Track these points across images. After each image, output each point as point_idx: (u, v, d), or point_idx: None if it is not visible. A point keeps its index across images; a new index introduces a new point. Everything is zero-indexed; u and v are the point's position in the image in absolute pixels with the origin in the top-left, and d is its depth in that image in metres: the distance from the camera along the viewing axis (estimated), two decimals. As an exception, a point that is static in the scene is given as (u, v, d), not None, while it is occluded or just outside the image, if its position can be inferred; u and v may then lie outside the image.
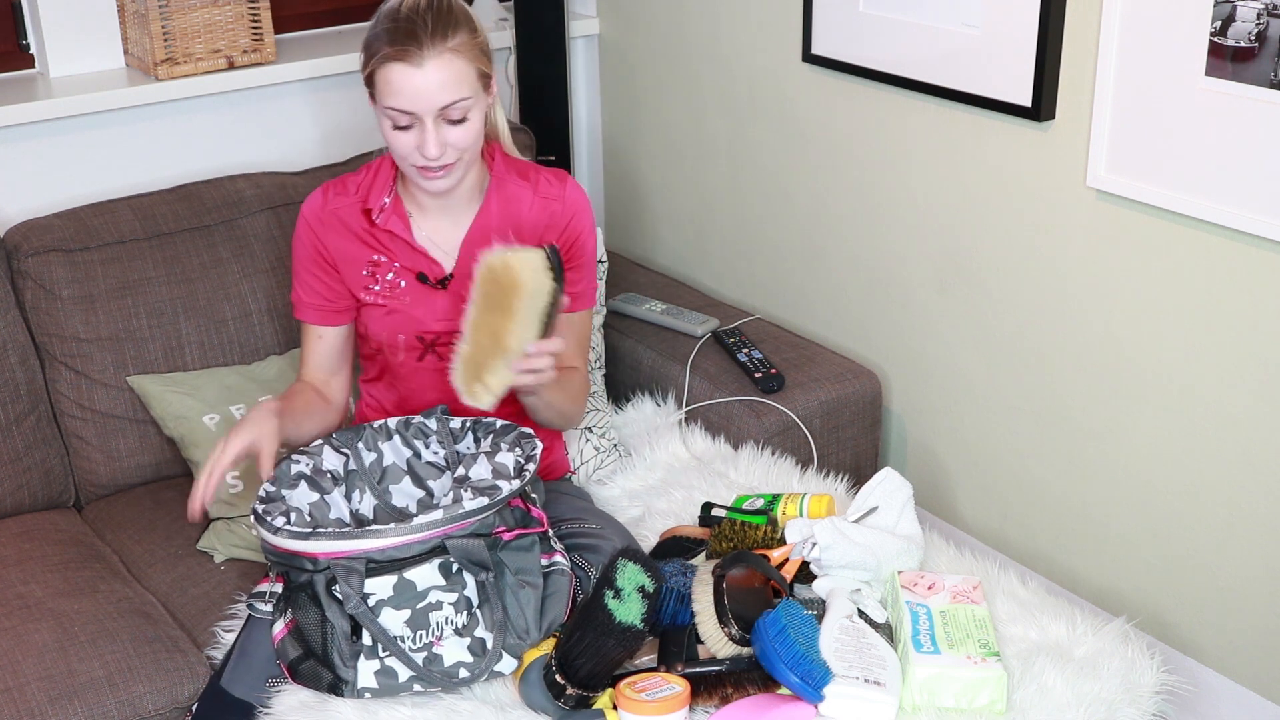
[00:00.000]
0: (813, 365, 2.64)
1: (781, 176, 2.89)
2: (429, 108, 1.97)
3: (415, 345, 2.16)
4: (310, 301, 2.18)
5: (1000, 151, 2.43)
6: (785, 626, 1.78)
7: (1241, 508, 2.23)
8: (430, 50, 1.96)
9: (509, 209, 2.16)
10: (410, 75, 1.96)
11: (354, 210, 2.15)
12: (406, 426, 2.07)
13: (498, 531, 1.85)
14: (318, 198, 2.17)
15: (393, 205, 2.14)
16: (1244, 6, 1.99)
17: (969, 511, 2.69)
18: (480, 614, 1.84)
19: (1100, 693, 1.83)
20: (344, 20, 3.13)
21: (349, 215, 2.15)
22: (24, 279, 2.49)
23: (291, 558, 1.83)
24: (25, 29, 2.79)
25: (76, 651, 2.07)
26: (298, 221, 2.18)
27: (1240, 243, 2.12)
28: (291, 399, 2.13)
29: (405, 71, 1.96)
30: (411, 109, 1.97)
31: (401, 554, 1.80)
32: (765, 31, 2.83)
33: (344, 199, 2.16)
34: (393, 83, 1.97)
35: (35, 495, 2.48)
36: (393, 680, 1.82)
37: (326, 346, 2.20)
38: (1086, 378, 2.40)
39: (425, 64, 1.96)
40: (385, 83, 1.97)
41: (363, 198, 2.15)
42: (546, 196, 2.17)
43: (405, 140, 2.00)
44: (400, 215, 2.13)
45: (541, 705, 1.81)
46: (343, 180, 2.18)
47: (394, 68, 1.96)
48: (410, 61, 1.95)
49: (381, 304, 2.15)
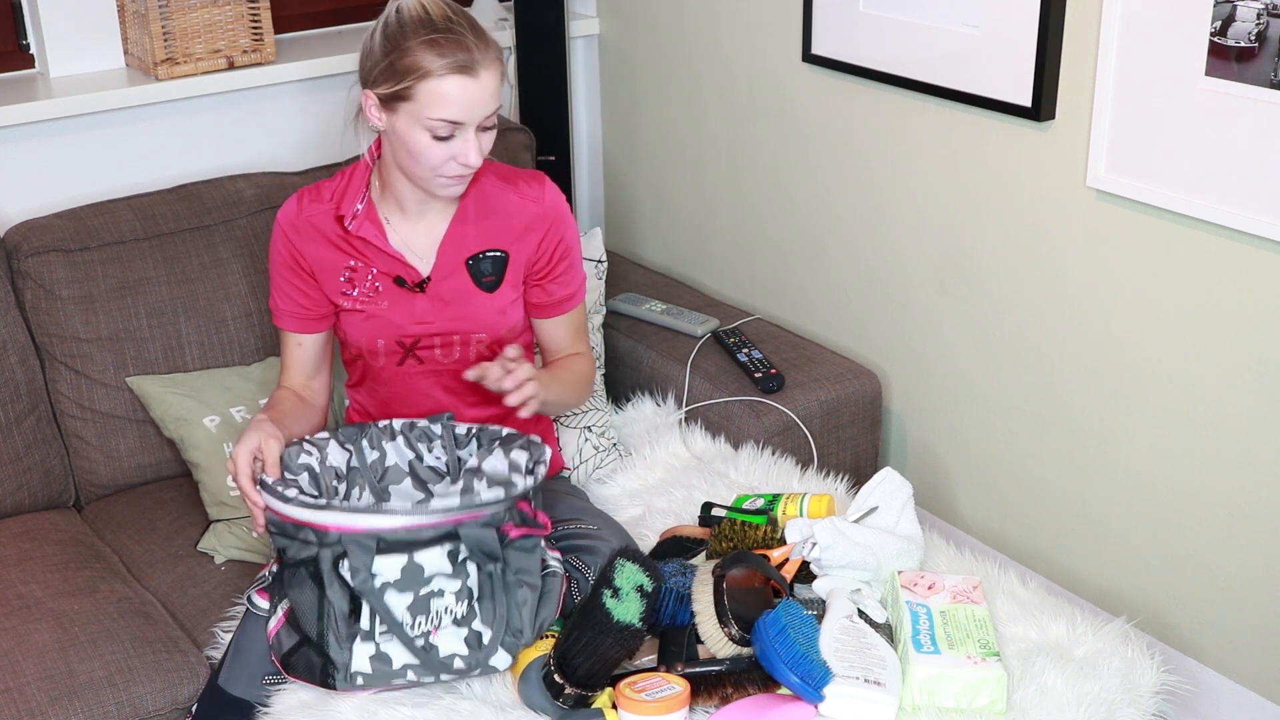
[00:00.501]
0: (813, 365, 2.64)
1: (781, 176, 2.89)
2: (478, 117, 1.98)
3: (395, 350, 2.15)
4: (288, 309, 2.17)
5: (1000, 151, 2.43)
6: (785, 626, 1.78)
7: (1241, 508, 2.22)
8: (482, 60, 1.96)
9: (487, 210, 2.14)
10: (468, 87, 1.95)
11: (328, 217, 2.13)
12: (411, 429, 2.07)
13: (505, 527, 1.85)
14: (292, 205, 2.15)
15: (365, 211, 2.11)
16: (1244, 6, 1.99)
17: (969, 511, 2.69)
18: (479, 607, 1.84)
19: (1100, 693, 1.83)
20: (344, 20, 3.13)
21: (323, 222, 2.13)
22: (24, 279, 2.49)
23: (297, 529, 1.82)
24: (25, 29, 2.79)
25: (76, 651, 2.07)
26: (274, 229, 2.16)
27: (1240, 243, 2.12)
28: (275, 407, 2.12)
29: (463, 84, 1.95)
30: (463, 119, 1.97)
31: (413, 536, 1.80)
32: (765, 31, 2.83)
33: (318, 206, 2.14)
34: (448, 95, 1.95)
35: (35, 495, 2.48)
36: (387, 666, 1.81)
37: (306, 354, 2.19)
38: (1086, 378, 2.40)
39: (480, 74, 1.96)
40: (436, 95, 1.95)
41: (336, 204, 2.13)
42: (526, 198, 2.16)
43: (441, 151, 1.99)
44: (374, 221, 2.12)
45: (541, 705, 1.81)
46: (317, 187, 2.16)
47: (451, 80, 1.95)
48: (468, 73, 1.95)
49: (360, 310, 2.14)
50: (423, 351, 2.14)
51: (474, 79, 1.95)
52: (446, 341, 2.14)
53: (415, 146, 1.99)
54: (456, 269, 2.13)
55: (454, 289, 2.12)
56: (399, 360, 2.16)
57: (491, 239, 2.14)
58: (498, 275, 2.14)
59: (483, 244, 2.14)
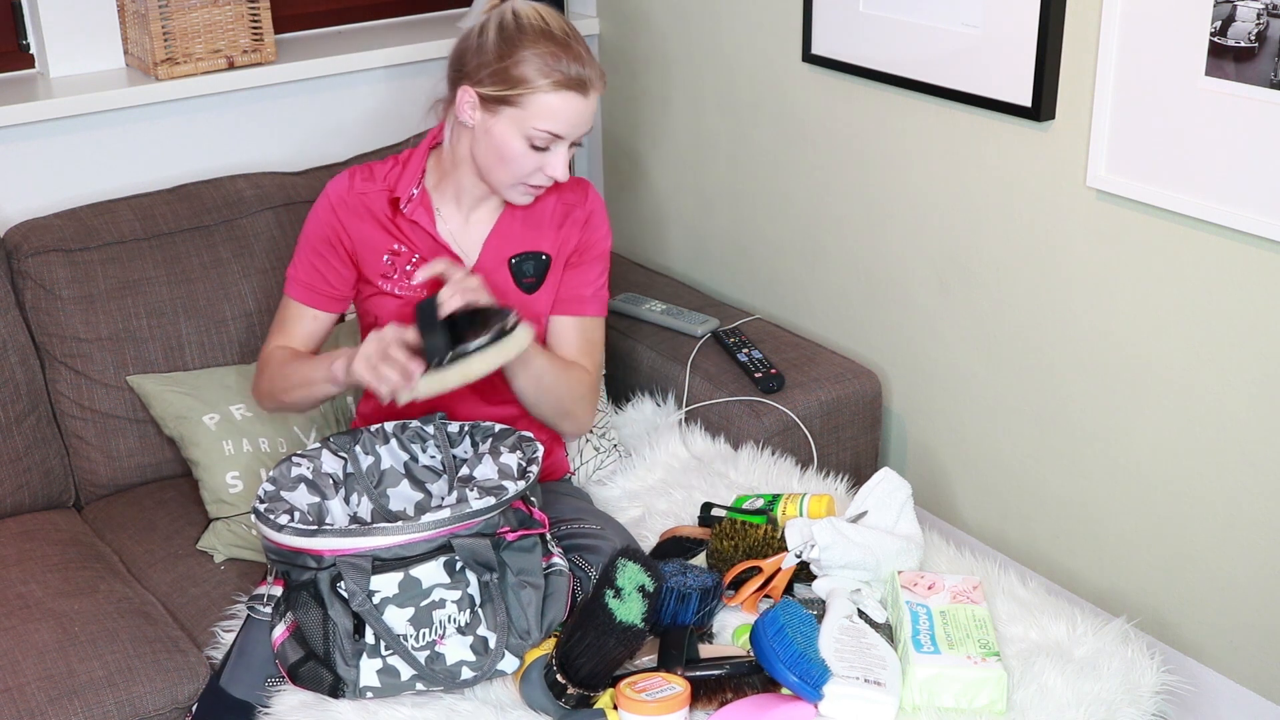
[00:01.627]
0: (813, 365, 2.64)
1: (781, 176, 2.89)
2: (578, 134, 2.02)
3: None
4: (306, 281, 2.17)
5: (1000, 151, 2.43)
6: (784, 626, 1.78)
7: (1241, 508, 2.23)
8: (592, 78, 2.01)
9: (532, 211, 2.18)
10: (578, 104, 2.00)
11: (380, 198, 2.15)
12: (403, 430, 2.07)
13: (502, 532, 1.85)
14: (344, 181, 2.17)
15: (420, 197, 2.14)
16: (1244, 6, 1.99)
17: (969, 511, 2.69)
18: (482, 613, 1.84)
19: (1100, 693, 1.83)
20: (344, 20, 3.13)
21: (375, 202, 2.15)
22: (24, 279, 2.49)
23: (294, 555, 1.83)
24: (25, 29, 2.79)
25: (76, 651, 2.07)
26: (319, 200, 2.17)
27: (1240, 243, 2.12)
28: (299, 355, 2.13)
29: (575, 101, 1.99)
30: (565, 134, 2.00)
31: (407, 552, 1.80)
32: (765, 31, 2.83)
33: (371, 185, 2.16)
34: (558, 109, 1.98)
35: (35, 495, 2.48)
36: (395, 679, 1.82)
37: (319, 328, 2.19)
38: (1086, 378, 2.40)
39: (590, 94, 2.01)
40: (546, 107, 1.98)
41: (390, 186, 2.15)
42: (569, 203, 2.20)
43: (533, 161, 2.02)
44: (426, 208, 2.14)
45: (542, 705, 1.81)
46: (369, 167, 2.18)
47: (565, 96, 1.98)
48: (581, 91, 1.99)
49: (398, 294, 2.15)
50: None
51: (584, 97, 2.00)
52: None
53: (509, 152, 2.02)
54: (499, 267, 2.16)
55: (495, 286, 2.14)
56: None
57: (534, 241, 2.17)
58: (538, 277, 2.17)
59: (526, 245, 2.16)
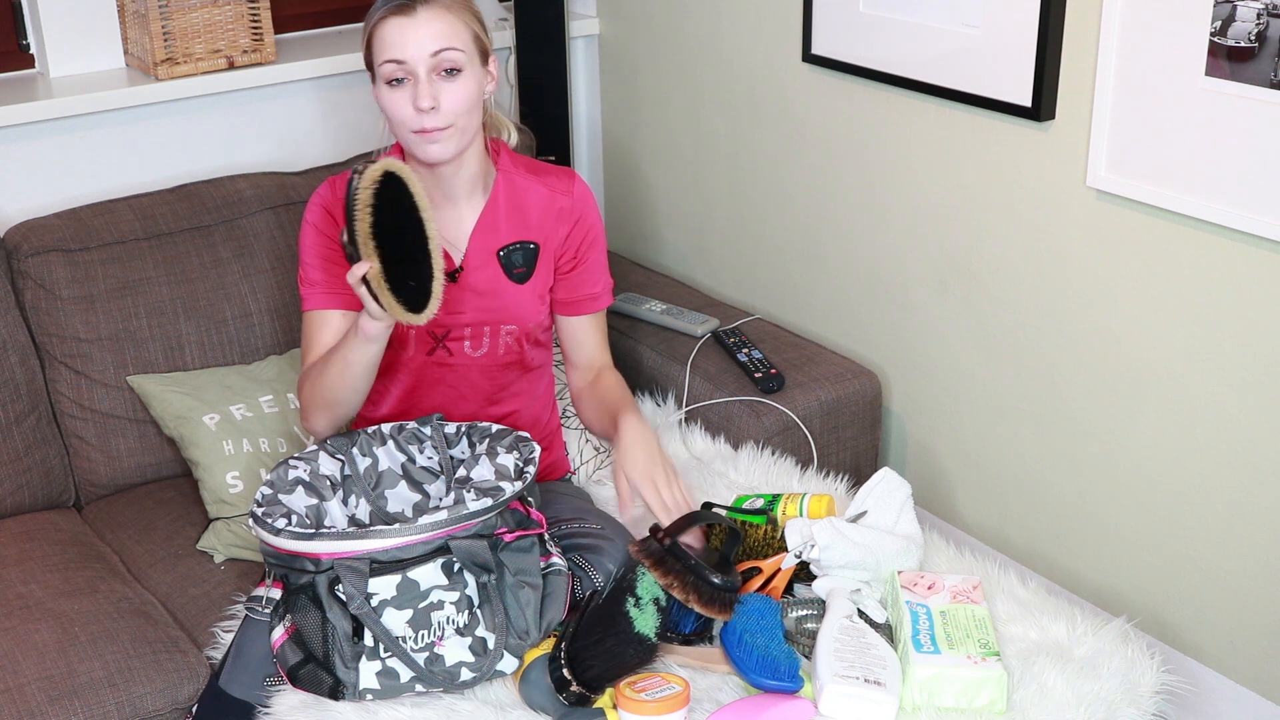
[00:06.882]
0: (813, 365, 2.64)
1: (781, 176, 2.89)
2: (420, 54, 1.99)
3: (426, 339, 2.16)
4: (324, 283, 2.12)
5: (1000, 151, 2.43)
6: (741, 633, 1.80)
7: (1241, 508, 2.22)
8: (421, 2, 2.00)
9: (517, 201, 2.17)
10: (403, 25, 1.99)
11: None
12: (400, 431, 2.07)
13: (499, 532, 1.85)
14: (325, 189, 2.16)
15: None
16: (1244, 6, 1.99)
17: (969, 511, 2.69)
18: (481, 614, 1.84)
19: (1100, 693, 1.83)
20: (344, 20, 3.13)
21: None
22: (24, 279, 2.49)
23: (292, 559, 1.83)
24: (25, 29, 2.79)
25: (76, 651, 2.07)
26: (307, 213, 2.15)
27: (1240, 243, 2.12)
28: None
29: (398, 22, 1.99)
30: (403, 57, 1.99)
31: (405, 554, 1.80)
32: (765, 31, 2.83)
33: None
34: (386, 37, 2.00)
35: (35, 495, 2.48)
36: (394, 681, 1.82)
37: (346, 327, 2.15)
38: (1086, 378, 2.40)
39: (417, 13, 2.00)
40: (380, 40, 2.01)
41: None
42: (555, 191, 2.19)
43: (400, 100, 2.01)
44: None
45: (542, 704, 1.81)
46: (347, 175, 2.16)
47: (389, 22, 2.00)
48: (403, 13, 1.99)
49: None
50: (452, 342, 2.16)
51: (409, 18, 1.99)
52: (476, 332, 2.16)
53: (384, 104, 2.04)
54: (488, 260, 2.15)
55: (486, 280, 2.14)
56: (429, 350, 2.17)
57: (521, 231, 2.16)
58: (528, 267, 2.16)
59: (513, 236, 2.16)
